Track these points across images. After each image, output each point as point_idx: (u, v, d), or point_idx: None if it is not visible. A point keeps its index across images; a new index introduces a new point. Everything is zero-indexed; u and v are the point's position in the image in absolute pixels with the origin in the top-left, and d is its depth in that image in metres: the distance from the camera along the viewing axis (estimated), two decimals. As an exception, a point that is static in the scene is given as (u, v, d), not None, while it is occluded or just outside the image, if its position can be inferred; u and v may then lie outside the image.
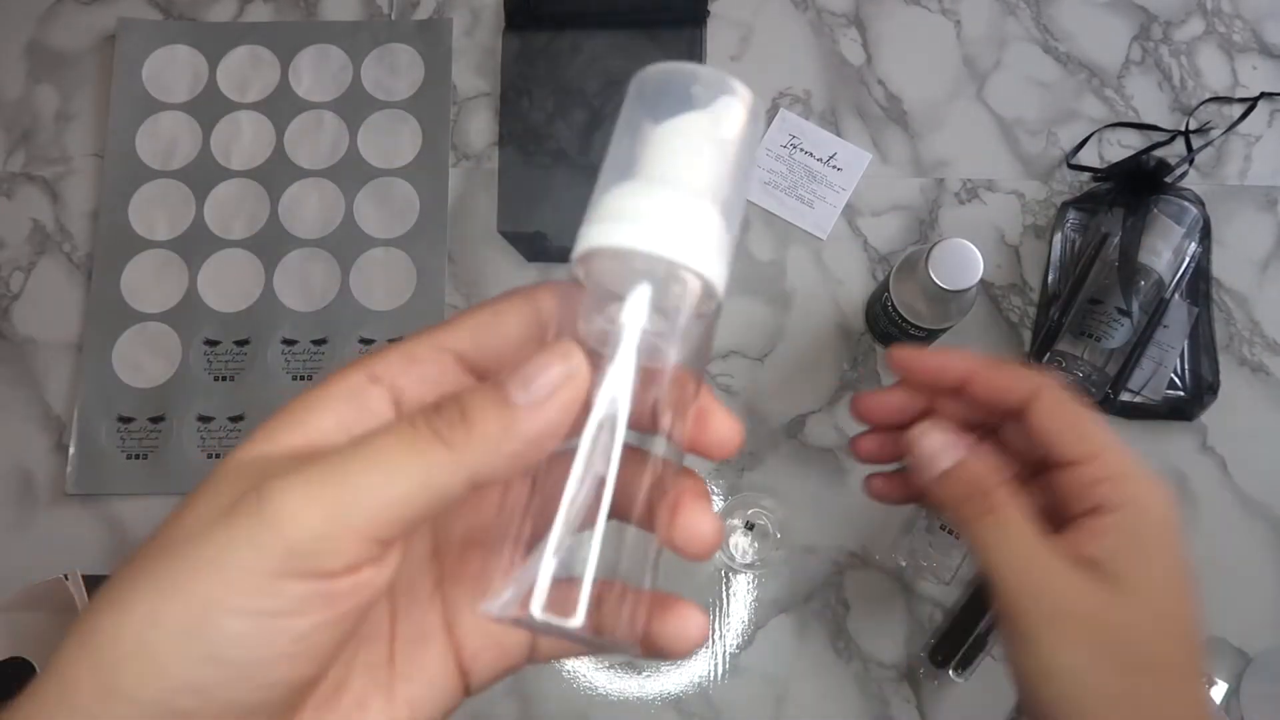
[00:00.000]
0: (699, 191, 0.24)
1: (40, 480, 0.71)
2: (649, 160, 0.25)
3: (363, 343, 0.72)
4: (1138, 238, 0.66)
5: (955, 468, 0.34)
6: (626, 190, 0.24)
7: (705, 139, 0.25)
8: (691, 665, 0.67)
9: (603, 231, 0.24)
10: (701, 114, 0.25)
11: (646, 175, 0.24)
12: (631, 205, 0.24)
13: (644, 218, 0.24)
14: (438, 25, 0.78)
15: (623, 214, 0.24)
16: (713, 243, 0.24)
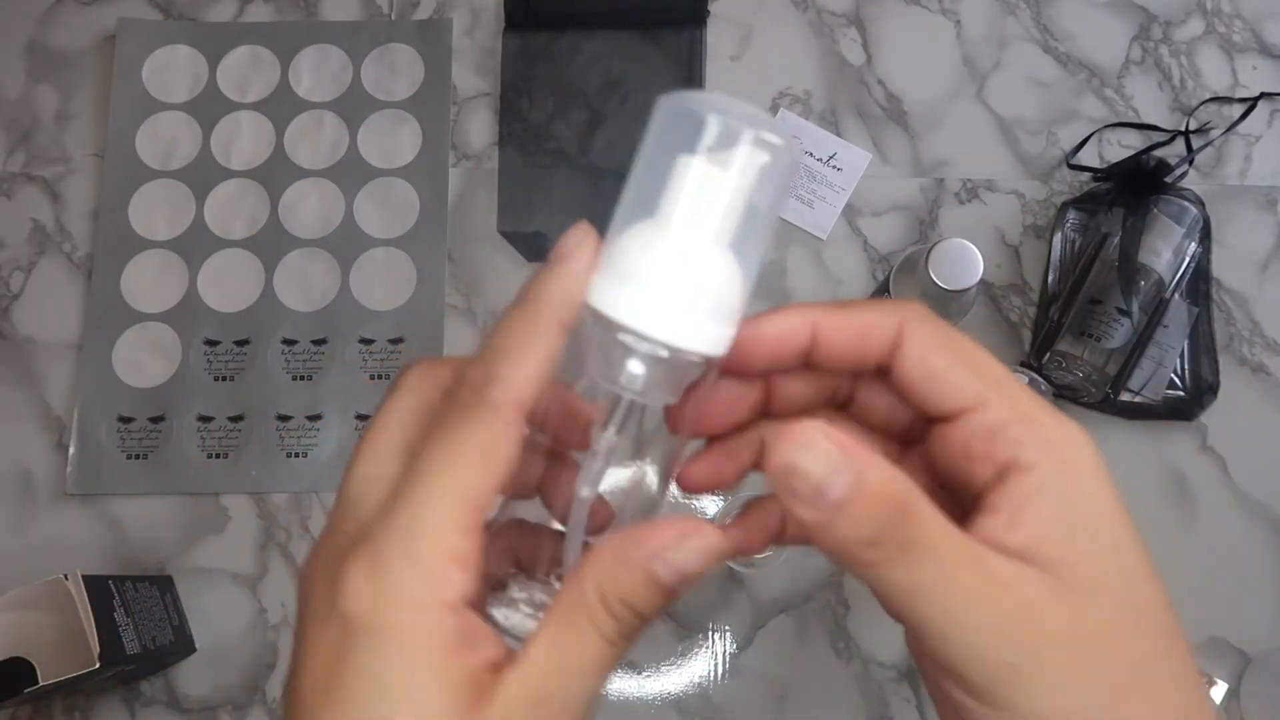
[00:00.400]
0: (718, 239, 0.24)
1: (40, 480, 0.71)
2: (670, 200, 0.24)
3: (363, 343, 0.72)
4: (1138, 238, 0.66)
5: (855, 495, 0.22)
6: (643, 237, 0.24)
7: (733, 185, 0.24)
8: (691, 665, 0.67)
9: (611, 297, 0.24)
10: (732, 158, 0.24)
11: (665, 218, 0.24)
12: (642, 264, 0.24)
13: (650, 287, 0.24)
14: (438, 25, 0.78)
15: (632, 276, 0.24)
16: (721, 306, 0.24)
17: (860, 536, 0.22)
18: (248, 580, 0.69)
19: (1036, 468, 0.24)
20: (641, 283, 0.24)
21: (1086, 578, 0.23)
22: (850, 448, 0.22)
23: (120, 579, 0.62)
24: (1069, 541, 0.23)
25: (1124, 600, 0.24)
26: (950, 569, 0.22)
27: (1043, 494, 0.23)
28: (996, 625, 0.22)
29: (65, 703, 0.67)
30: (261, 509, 0.70)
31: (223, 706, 0.68)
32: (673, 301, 0.23)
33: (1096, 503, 0.24)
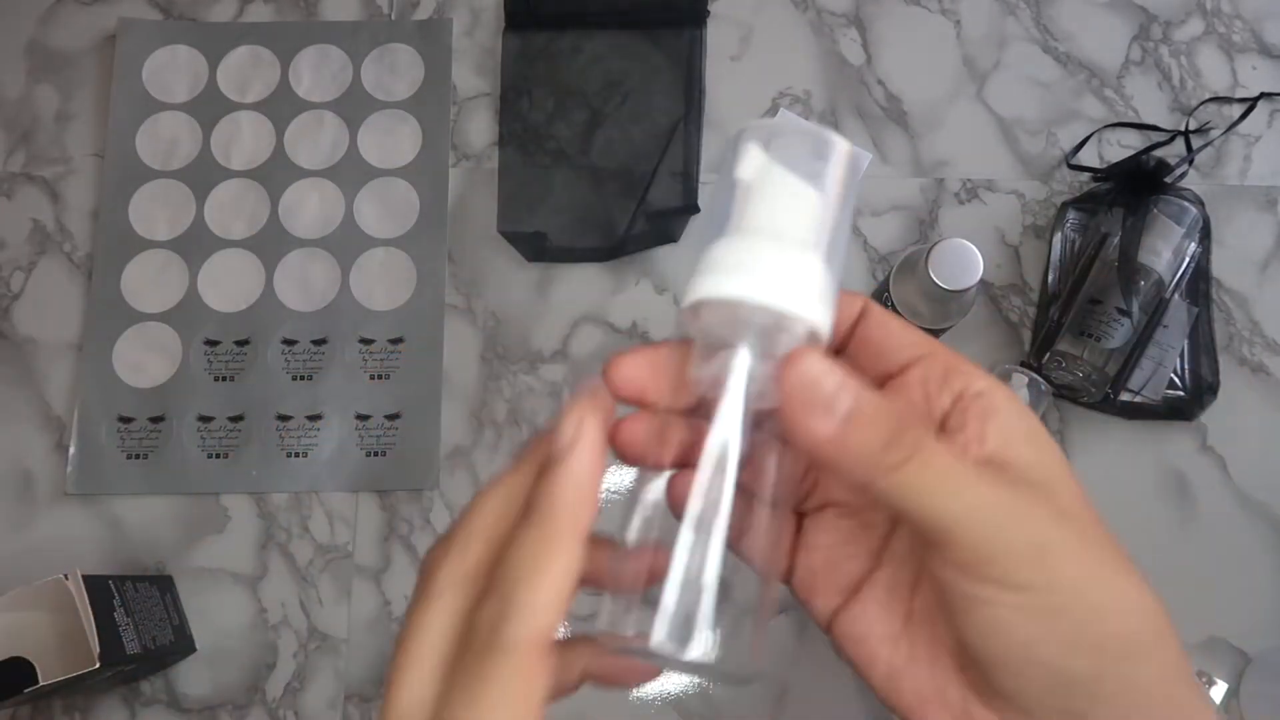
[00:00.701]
0: (801, 243, 0.25)
1: (40, 480, 0.71)
2: (751, 215, 0.25)
3: (363, 343, 0.72)
4: (1138, 238, 0.66)
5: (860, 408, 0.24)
6: (732, 245, 0.25)
7: (807, 194, 0.25)
8: (691, 665, 0.67)
9: (713, 283, 0.25)
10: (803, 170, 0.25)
11: (750, 229, 0.25)
12: (737, 258, 0.25)
13: (751, 270, 0.24)
14: (438, 25, 0.78)
15: (730, 266, 0.25)
16: (815, 290, 0.25)
17: (876, 441, 0.24)
18: (248, 580, 0.69)
19: (989, 393, 0.26)
20: (742, 270, 0.24)
21: (1048, 475, 0.26)
22: (847, 371, 0.24)
23: (120, 579, 0.62)
24: (1027, 447, 0.26)
25: (1074, 493, 0.26)
26: (959, 467, 0.24)
27: (999, 412, 0.26)
28: (1014, 510, 0.24)
29: (65, 703, 0.67)
30: (261, 509, 0.70)
31: (223, 706, 0.68)
32: (773, 279, 0.24)
33: (1033, 419, 0.27)
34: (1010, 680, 0.25)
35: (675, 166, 0.74)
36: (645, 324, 0.73)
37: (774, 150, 0.26)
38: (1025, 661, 0.25)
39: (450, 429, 0.71)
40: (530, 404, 0.71)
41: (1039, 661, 0.24)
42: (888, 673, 0.27)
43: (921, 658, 0.27)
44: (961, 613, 0.25)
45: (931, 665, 0.27)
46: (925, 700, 0.26)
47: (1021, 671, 0.25)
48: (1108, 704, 0.24)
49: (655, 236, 0.73)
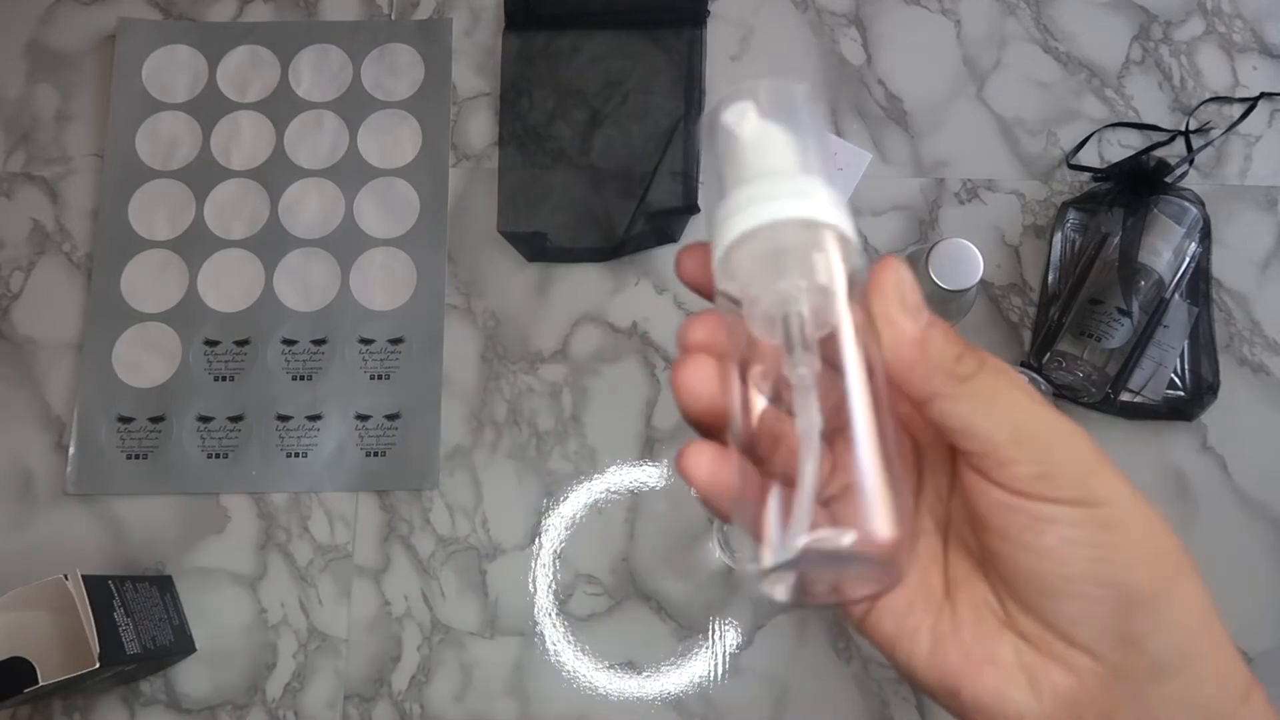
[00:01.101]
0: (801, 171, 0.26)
1: (40, 480, 0.71)
2: (746, 166, 0.26)
3: (363, 343, 0.72)
4: (1138, 238, 0.66)
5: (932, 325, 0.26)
6: (739, 193, 0.26)
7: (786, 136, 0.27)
8: (691, 665, 0.67)
9: (735, 223, 0.25)
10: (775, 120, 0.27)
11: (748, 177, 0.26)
12: (748, 198, 0.26)
13: (754, 203, 0.25)
14: (438, 25, 0.78)
15: (741, 208, 0.26)
16: (830, 201, 0.26)
17: (953, 350, 0.25)
18: (248, 580, 0.69)
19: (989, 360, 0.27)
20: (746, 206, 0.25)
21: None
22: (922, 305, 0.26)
23: (120, 579, 0.62)
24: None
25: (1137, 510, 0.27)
26: (1020, 388, 0.26)
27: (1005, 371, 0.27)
28: (1071, 428, 0.25)
29: (65, 703, 0.67)
30: (261, 509, 0.70)
31: (223, 706, 0.68)
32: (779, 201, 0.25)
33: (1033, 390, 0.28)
34: (1074, 607, 0.25)
35: (675, 166, 0.74)
36: (645, 324, 0.73)
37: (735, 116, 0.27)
38: (1090, 580, 0.25)
39: (450, 429, 0.71)
40: (530, 404, 0.71)
41: (1104, 578, 0.25)
42: (933, 644, 0.27)
43: (966, 621, 0.27)
44: (1026, 542, 0.25)
45: (977, 626, 0.27)
46: (978, 663, 0.26)
47: (1086, 593, 0.25)
48: (1167, 627, 0.25)
49: (655, 236, 0.73)
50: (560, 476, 0.70)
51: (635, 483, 0.70)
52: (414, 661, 0.68)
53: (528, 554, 0.69)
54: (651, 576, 0.69)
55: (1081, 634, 0.25)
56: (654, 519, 0.69)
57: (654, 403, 0.71)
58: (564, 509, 0.70)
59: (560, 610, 0.68)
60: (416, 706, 0.67)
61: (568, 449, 0.71)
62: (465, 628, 0.68)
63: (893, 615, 0.28)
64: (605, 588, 0.69)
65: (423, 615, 0.68)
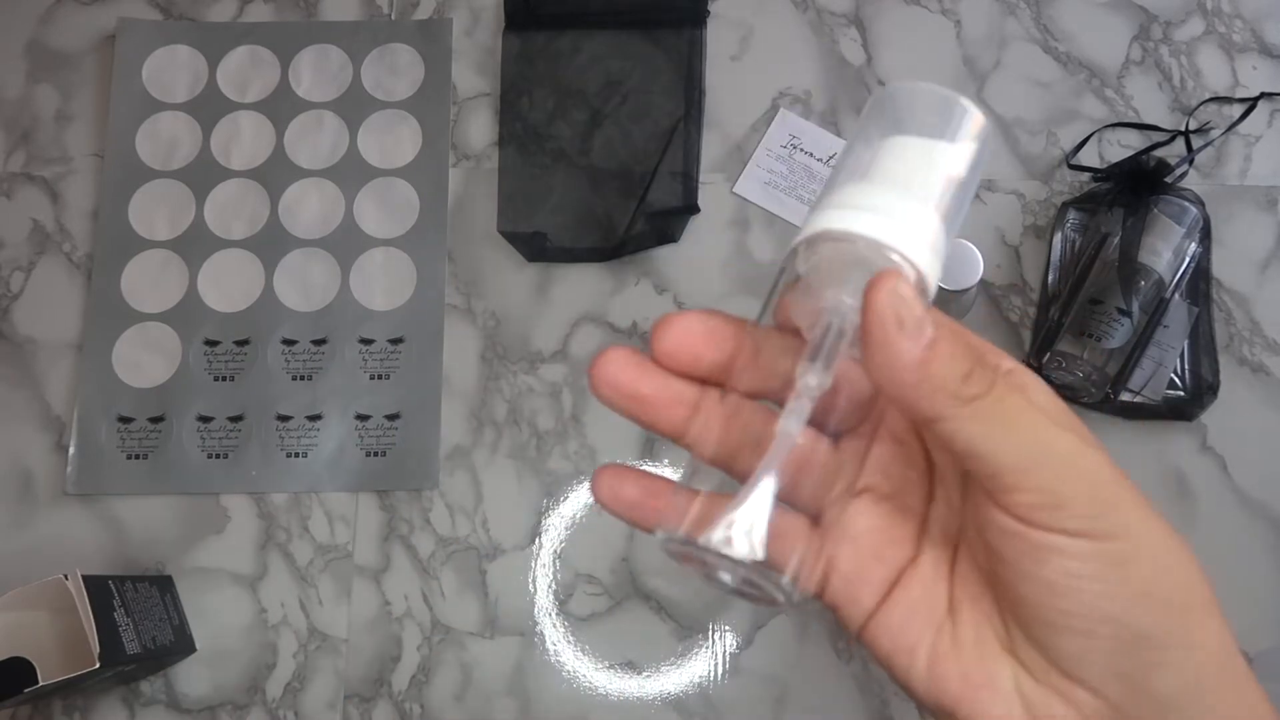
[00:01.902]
0: (926, 200, 0.26)
1: (40, 480, 0.71)
2: (884, 167, 0.26)
3: (363, 343, 0.72)
4: (1138, 238, 0.66)
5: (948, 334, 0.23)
6: (860, 189, 0.26)
7: (940, 161, 0.26)
8: (691, 665, 0.67)
9: (836, 216, 0.25)
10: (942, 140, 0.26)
11: (880, 179, 0.26)
12: (862, 200, 0.25)
13: (873, 211, 0.25)
14: (438, 25, 0.78)
15: (853, 205, 0.25)
16: (930, 243, 0.25)
17: (958, 371, 0.23)
18: (248, 580, 0.69)
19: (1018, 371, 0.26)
20: (864, 209, 0.25)
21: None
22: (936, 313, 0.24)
23: (120, 579, 0.62)
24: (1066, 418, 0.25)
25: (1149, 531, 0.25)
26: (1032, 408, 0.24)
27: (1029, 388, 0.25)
28: (1085, 455, 0.24)
29: (65, 703, 0.67)
30: (261, 509, 0.70)
31: (223, 706, 0.68)
32: (893, 222, 0.25)
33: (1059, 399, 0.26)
34: (1074, 643, 0.24)
35: (675, 166, 0.74)
36: (645, 324, 0.73)
37: (912, 111, 0.26)
38: (1093, 617, 0.24)
39: (450, 429, 0.71)
40: (530, 404, 0.71)
41: (1108, 616, 0.24)
42: (931, 662, 0.26)
43: (967, 642, 0.26)
44: (1026, 570, 0.24)
45: (979, 648, 0.26)
46: (976, 686, 0.25)
47: (1089, 630, 0.24)
48: (1173, 666, 0.24)
49: (655, 236, 0.73)
50: (560, 476, 0.70)
51: (635, 483, 0.70)
52: (414, 661, 0.68)
53: (528, 554, 0.69)
54: (651, 576, 0.68)
55: (1082, 670, 0.24)
56: (654, 519, 0.69)
57: (654, 403, 0.71)
58: (564, 509, 0.70)
59: (560, 610, 0.68)
60: (416, 706, 0.67)
61: (568, 449, 0.71)
62: (465, 628, 0.68)
63: (888, 630, 0.27)
64: (605, 588, 0.69)
65: (423, 615, 0.68)
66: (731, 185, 0.74)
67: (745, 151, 0.75)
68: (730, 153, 0.75)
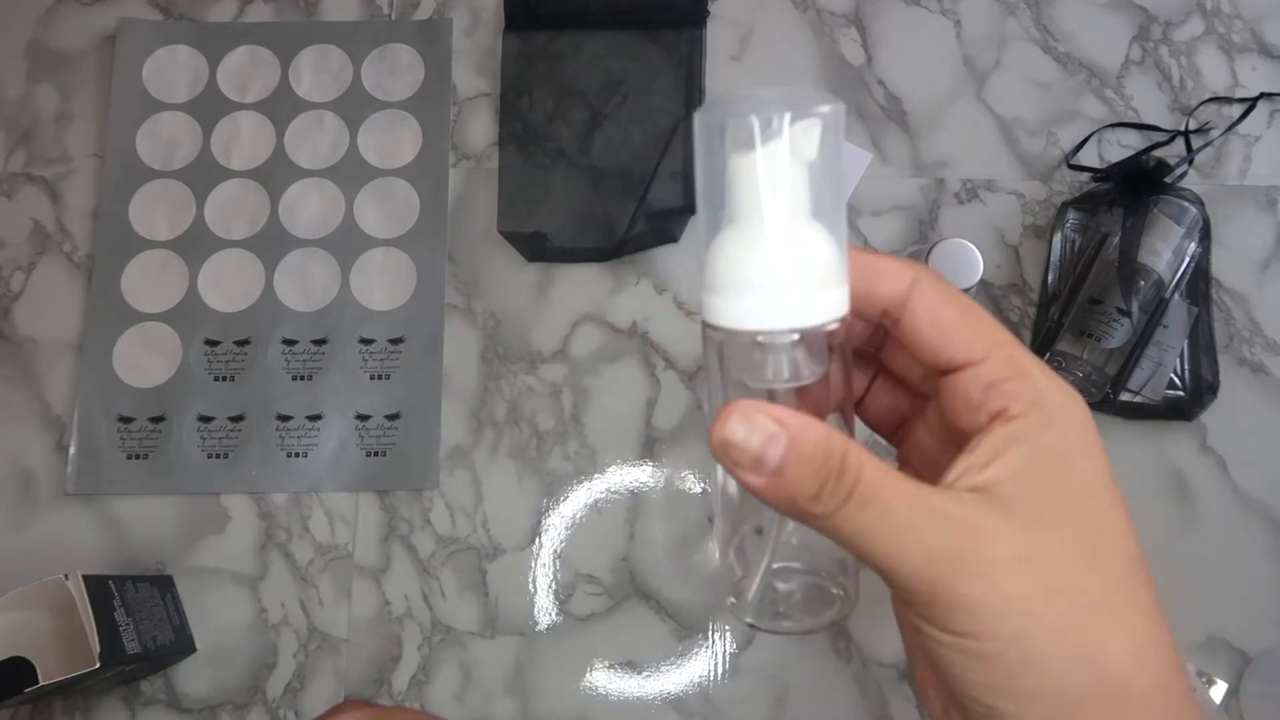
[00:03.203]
0: (795, 215, 0.25)
1: (40, 480, 0.71)
2: (739, 200, 0.25)
3: (363, 343, 0.72)
4: (1137, 238, 0.66)
5: (791, 458, 0.24)
6: (732, 243, 0.25)
7: (792, 163, 0.25)
8: (691, 665, 0.67)
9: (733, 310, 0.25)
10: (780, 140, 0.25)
11: (744, 218, 0.25)
12: (744, 268, 0.25)
13: (760, 287, 0.25)
14: (438, 25, 0.78)
15: (741, 283, 0.25)
16: (827, 271, 0.25)
17: (805, 493, 0.24)
18: (248, 580, 0.69)
19: (1021, 418, 0.25)
20: (751, 286, 0.25)
21: (1040, 514, 0.25)
22: (784, 417, 0.24)
23: (120, 579, 0.62)
24: (1029, 483, 0.25)
25: (1078, 537, 0.25)
26: (891, 509, 0.24)
27: (1018, 441, 0.25)
28: (942, 555, 0.24)
29: (65, 703, 0.67)
30: (261, 509, 0.70)
31: (223, 706, 0.68)
32: (784, 289, 0.25)
33: (1070, 456, 0.25)
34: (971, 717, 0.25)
35: (675, 166, 0.74)
36: (645, 324, 0.73)
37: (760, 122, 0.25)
38: (971, 700, 0.24)
39: (450, 429, 0.71)
40: (530, 404, 0.71)
41: (983, 703, 0.24)
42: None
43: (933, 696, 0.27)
44: (919, 647, 0.26)
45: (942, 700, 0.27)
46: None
47: (975, 711, 0.25)
48: None
49: (655, 236, 0.73)
50: (560, 476, 0.70)
51: (635, 483, 0.70)
52: (414, 661, 0.68)
53: (528, 554, 0.69)
54: (651, 576, 0.69)
55: None
56: (654, 519, 0.69)
57: (654, 403, 0.71)
58: (564, 509, 0.70)
59: (560, 610, 0.68)
60: (417, 705, 0.67)
61: (568, 449, 0.71)
62: (465, 627, 0.68)
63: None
64: (605, 588, 0.69)
65: (423, 615, 0.68)
66: (731, 185, 0.74)
67: (745, 151, 0.75)
68: (730, 153, 0.75)
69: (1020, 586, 0.24)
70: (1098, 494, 0.25)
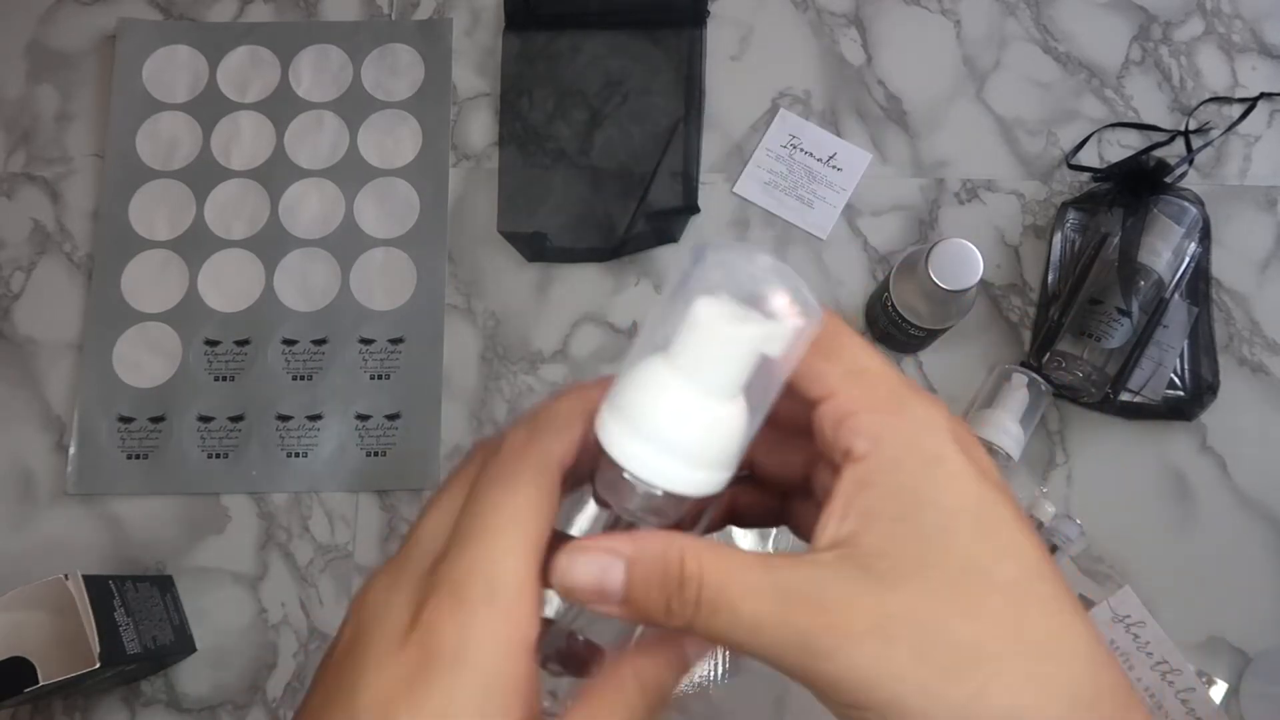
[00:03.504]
0: (723, 392, 0.25)
1: (40, 480, 0.71)
2: (684, 347, 0.25)
3: (363, 343, 0.72)
4: (1137, 238, 0.66)
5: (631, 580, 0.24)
6: (654, 378, 0.25)
7: (751, 347, 0.24)
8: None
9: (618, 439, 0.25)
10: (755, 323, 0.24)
11: (677, 364, 0.25)
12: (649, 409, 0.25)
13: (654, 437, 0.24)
14: (438, 25, 0.78)
15: (638, 421, 0.25)
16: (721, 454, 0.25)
17: (656, 611, 0.24)
18: (248, 580, 0.69)
19: (868, 458, 0.24)
20: (643, 430, 0.24)
21: (899, 564, 0.24)
22: (615, 544, 0.24)
23: (120, 579, 0.62)
24: (883, 531, 0.24)
25: (944, 580, 0.24)
26: (738, 610, 0.24)
27: (866, 485, 0.24)
28: (794, 641, 0.23)
29: (65, 703, 0.67)
30: (261, 509, 0.70)
31: (223, 706, 0.68)
32: (671, 451, 0.24)
33: (923, 490, 0.24)
34: None
35: (675, 166, 0.74)
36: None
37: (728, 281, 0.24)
38: None
39: (450, 429, 0.71)
40: (530, 404, 0.71)
41: None
42: None
43: None
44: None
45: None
46: None
47: None
48: None
49: (655, 236, 0.73)
50: (560, 476, 0.70)
51: (635, 483, 0.70)
52: (414, 661, 0.68)
53: (528, 554, 0.69)
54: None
55: None
56: (654, 519, 0.69)
57: (654, 403, 0.71)
58: (564, 509, 0.70)
59: (560, 610, 0.68)
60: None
61: (568, 449, 0.71)
62: (465, 627, 0.68)
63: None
64: (605, 588, 0.68)
65: (423, 615, 0.68)
66: (731, 185, 0.74)
67: (745, 152, 0.75)
68: (730, 153, 0.75)
69: (880, 654, 0.23)
70: (962, 522, 0.24)
